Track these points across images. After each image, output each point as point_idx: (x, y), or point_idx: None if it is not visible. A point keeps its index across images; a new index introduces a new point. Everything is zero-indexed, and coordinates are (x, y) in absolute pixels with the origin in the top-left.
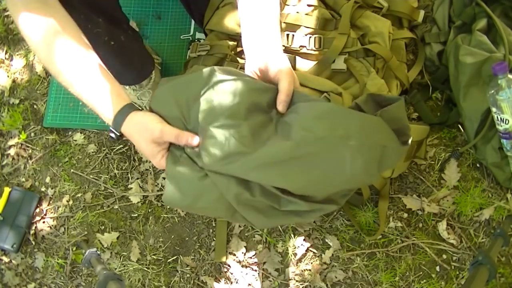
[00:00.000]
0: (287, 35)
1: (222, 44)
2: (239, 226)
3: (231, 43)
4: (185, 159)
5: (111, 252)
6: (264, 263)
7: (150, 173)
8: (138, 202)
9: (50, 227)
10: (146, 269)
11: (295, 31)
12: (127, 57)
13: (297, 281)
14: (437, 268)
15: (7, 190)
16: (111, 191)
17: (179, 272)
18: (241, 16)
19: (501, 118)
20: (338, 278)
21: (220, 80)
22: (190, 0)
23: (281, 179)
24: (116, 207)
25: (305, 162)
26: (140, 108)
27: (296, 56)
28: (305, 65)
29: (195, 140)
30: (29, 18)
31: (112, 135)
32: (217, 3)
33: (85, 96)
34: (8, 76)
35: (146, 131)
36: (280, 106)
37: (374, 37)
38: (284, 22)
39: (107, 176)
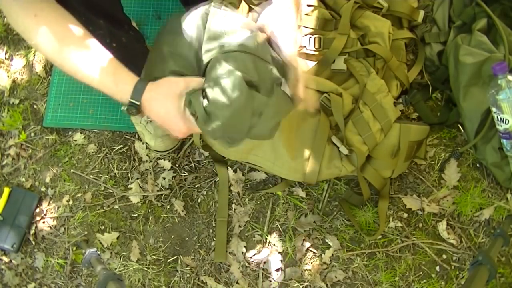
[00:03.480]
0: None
1: None
2: (239, 226)
3: None
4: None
5: (111, 252)
6: (264, 263)
7: (150, 173)
8: (138, 202)
9: (50, 227)
10: (146, 269)
11: None
12: (129, 59)
13: (297, 281)
14: (437, 268)
15: (7, 190)
16: (111, 191)
17: (179, 272)
18: None
19: (501, 118)
20: (338, 278)
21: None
22: (190, 0)
23: None
24: (116, 207)
25: None
26: None
27: None
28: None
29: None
30: (26, 14)
31: (125, 109)
32: None
33: (96, 76)
34: (8, 76)
35: (171, 87)
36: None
37: (374, 37)
38: None
39: (107, 176)
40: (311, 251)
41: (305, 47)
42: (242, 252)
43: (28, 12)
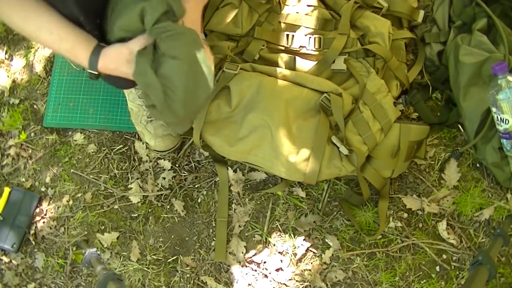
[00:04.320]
0: (287, 35)
1: (222, 45)
2: (239, 226)
3: (231, 43)
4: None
5: (111, 252)
6: (264, 263)
7: (150, 173)
8: (138, 202)
9: (50, 227)
10: (146, 269)
11: (295, 32)
12: None
13: (297, 281)
14: (437, 268)
15: (7, 190)
16: (111, 191)
17: (179, 272)
18: None
19: (501, 118)
20: (338, 278)
21: None
22: None
23: None
24: (116, 207)
25: None
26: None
27: (296, 56)
28: (305, 65)
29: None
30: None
31: (91, 75)
32: (217, 3)
33: (58, 47)
34: (8, 76)
35: (118, 56)
36: None
37: (374, 37)
38: (284, 22)
39: (107, 176)
40: (311, 251)
41: (305, 47)
42: (242, 252)
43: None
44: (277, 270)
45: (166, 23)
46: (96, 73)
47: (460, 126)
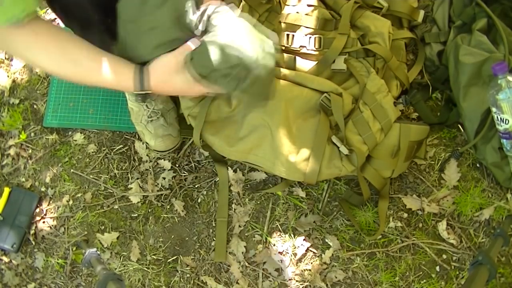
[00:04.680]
0: (287, 35)
1: None
2: (239, 226)
3: None
4: None
5: (111, 252)
6: (264, 263)
7: (150, 173)
8: (138, 202)
9: (50, 227)
10: (146, 269)
11: (295, 31)
12: None
13: (297, 281)
14: (437, 268)
15: (7, 190)
16: (111, 191)
17: (179, 272)
18: None
19: (501, 118)
20: (338, 278)
21: None
22: None
23: None
24: (116, 207)
25: None
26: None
27: (296, 56)
28: (305, 65)
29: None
30: (26, 33)
31: (139, 98)
32: None
33: (100, 79)
34: (8, 76)
35: (165, 68)
36: None
37: (374, 37)
38: (284, 22)
39: (107, 176)
40: (311, 251)
41: (305, 47)
42: (242, 252)
43: (28, 33)
44: (277, 270)
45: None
46: (145, 92)
47: (460, 126)
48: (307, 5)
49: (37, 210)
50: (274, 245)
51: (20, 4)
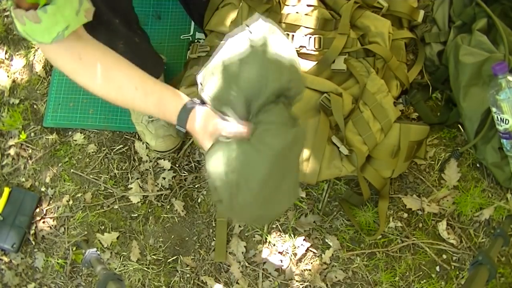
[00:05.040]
0: (287, 35)
1: None
2: (239, 226)
3: None
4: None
5: (111, 252)
6: (264, 263)
7: (150, 173)
8: (138, 202)
9: (50, 227)
10: (146, 269)
11: (295, 32)
12: (141, 59)
13: (297, 281)
14: (437, 268)
15: (7, 190)
16: (111, 191)
17: (179, 272)
18: None
19: (501, 118)
20: (338, 278)
21: None
22: (189, 1)
23: None
24: (116, 207)
25: None
26: (198, 102)
27: None
28: (305, 65)
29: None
30: (72, 58)
31: (180, 129)
32: (217, 3)
33: (144, 109)
34: (8, 76)
35: (205, 125)
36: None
37: (374, 37)
38: (284, 23)
39: (107, 176)
40: (311, 251)
41: (305, 47)
42: (242, 252)
43: (73, 56)
44: (277, 270)
45: (275, 109)
46: (184, 130)
47: (460, 126)
48: (307, 5)
49: (37, 210)
50: (274, 245)
51: (61, 23)
